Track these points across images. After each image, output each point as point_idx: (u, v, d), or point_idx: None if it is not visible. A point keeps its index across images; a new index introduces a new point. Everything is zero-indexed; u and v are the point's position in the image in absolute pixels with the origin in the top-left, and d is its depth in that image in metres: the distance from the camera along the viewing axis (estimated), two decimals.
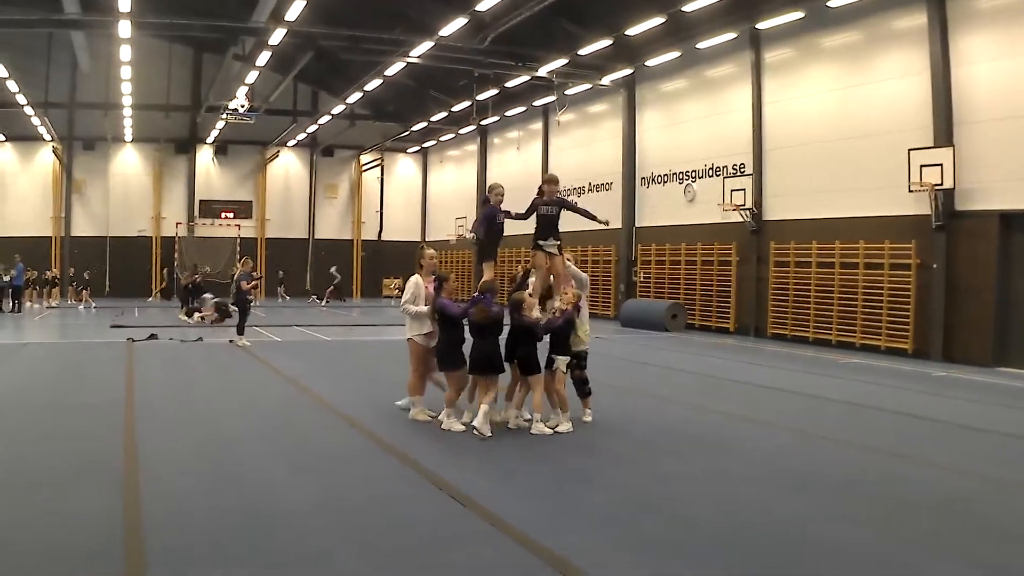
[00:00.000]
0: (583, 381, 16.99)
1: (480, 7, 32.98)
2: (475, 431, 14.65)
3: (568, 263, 17.33)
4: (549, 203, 16.73)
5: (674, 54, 39.47)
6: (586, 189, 50.35)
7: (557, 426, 15.33)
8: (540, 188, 16.95)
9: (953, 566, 9.02)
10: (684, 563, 9.06)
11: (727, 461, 13.77)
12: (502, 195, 16.99)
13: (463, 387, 15.66)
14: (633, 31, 36.19)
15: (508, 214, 17.04)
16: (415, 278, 15.95)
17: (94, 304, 52.00)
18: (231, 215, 66.62)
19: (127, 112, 55.64)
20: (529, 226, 17.22)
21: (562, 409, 15.70)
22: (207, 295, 41.43)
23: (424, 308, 15.62)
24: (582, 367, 16.97)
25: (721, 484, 12.35)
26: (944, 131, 28.39)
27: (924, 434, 16.55)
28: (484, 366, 15.08)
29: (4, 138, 60.58)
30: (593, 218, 18.34)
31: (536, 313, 15.76)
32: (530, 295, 16.19)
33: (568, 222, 18.05)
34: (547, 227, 16.56)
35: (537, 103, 51.52)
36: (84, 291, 53.88)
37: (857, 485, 12.30)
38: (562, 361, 15.83)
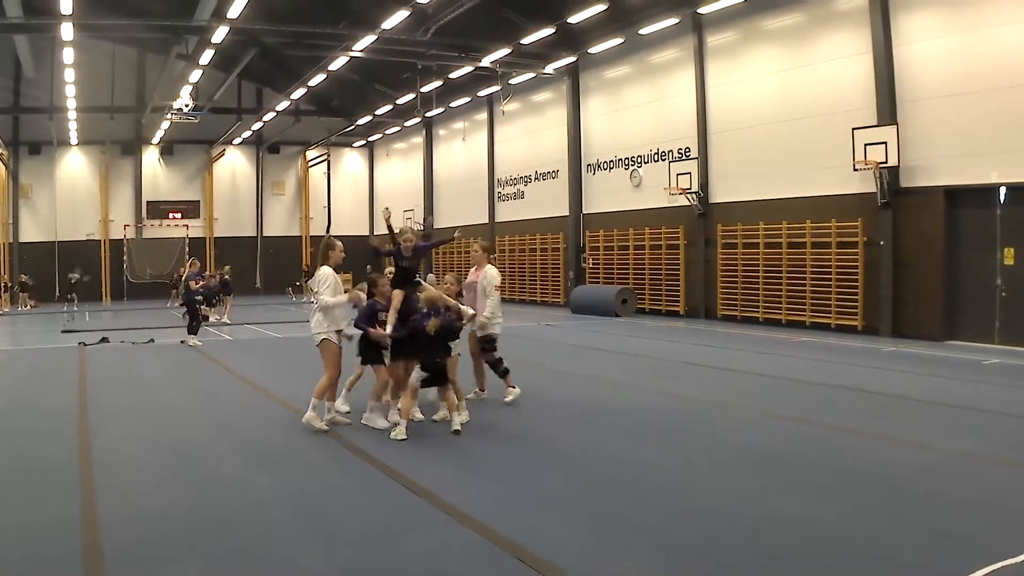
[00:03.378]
0: (497, 362, 17.41)
1: None
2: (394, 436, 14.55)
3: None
4: (410, 257, 16.55)
5: (617, 40, 39.57)
6: (532, 178, 50.52)
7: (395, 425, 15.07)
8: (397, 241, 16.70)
9: (913, 538, 9.14)
10: (640, 541, 9.17)
11: (681, 442, 13.89)
12: (411, 241, 16.66)
13: (388, 381, 15.58)
14: (576, 19, 36.21)
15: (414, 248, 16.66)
16: (328, 270, 15.29)
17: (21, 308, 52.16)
18: (179, 215, 66.18)
19: (72, 115, 55.14)
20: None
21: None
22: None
23: (344, 298, 15.25)
24: (489, 350, 17.48)
25: (676, 464, 12.45)
26: (888, 109, 28.58)
27: (877, 409, 16.66)
28: (439, 377, 14.94)
29: None
30: (448, 240, 19.02)
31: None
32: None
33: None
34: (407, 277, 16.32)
35: (481, 93, 51.56)
36: (25, 294, 53.86)
37: (812, 461, 12.43)
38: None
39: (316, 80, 46.67)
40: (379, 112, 57.63)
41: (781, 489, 11.04)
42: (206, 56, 40.38)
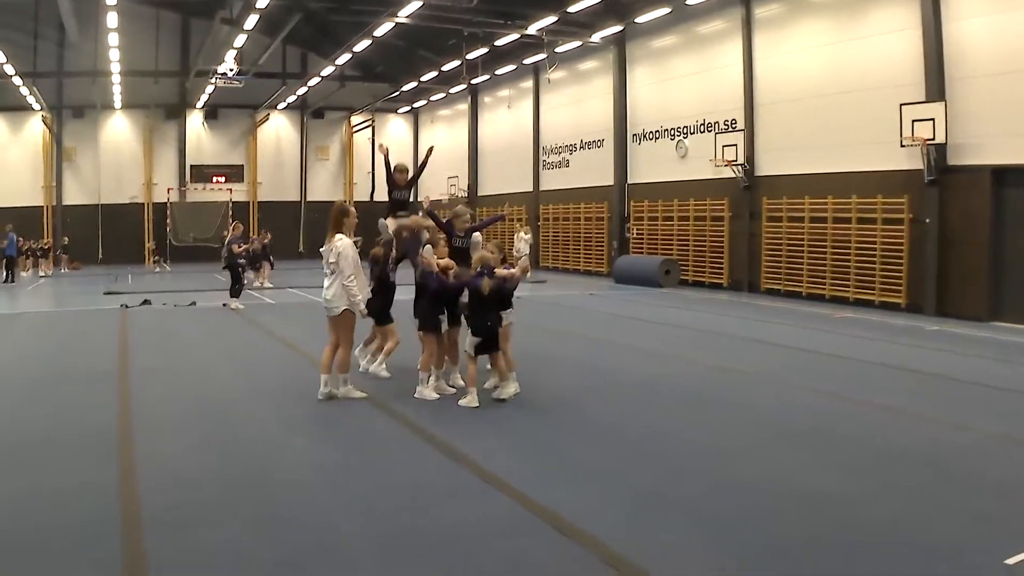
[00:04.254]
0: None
1: None
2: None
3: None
4: (462, 236, 16.36)
5: (664, 10, 39.30)
6: (577, 147, 50.39)
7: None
8: (451, 219, 16.49)
9: (950, 519, 9.07)
10: (676, 514, 9.17)
11: (720, 415, 13.88)
12: (467, 223, 16.45)
13: (437, 351, 15.47)
14: None
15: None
16: (348, 242, 14.82)
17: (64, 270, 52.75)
18: (222, 179, 66.29)
19: (116, 79, 55.35)
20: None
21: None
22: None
23: (365, 289, 15.11)
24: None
25: (712, 438, 12.44)
26: (936, 86, 28.30)
27: (918, 388, 16.56)
28: (492, 343, 14.73)
29: None
30: (500, 219, 18.73)
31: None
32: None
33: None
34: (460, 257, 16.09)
35: (527, 61, 51.21)
36: (64, 257, 54.17)
37: (850, 438, 12.38)
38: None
39: (361, 46, 46.47)
40: (424, 79, 57.53)
41: (819, 465, 11.01)
42: (251, 21, 40.37)
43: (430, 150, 18.52)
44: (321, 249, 14.82)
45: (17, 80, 52.08)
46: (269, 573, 7.69)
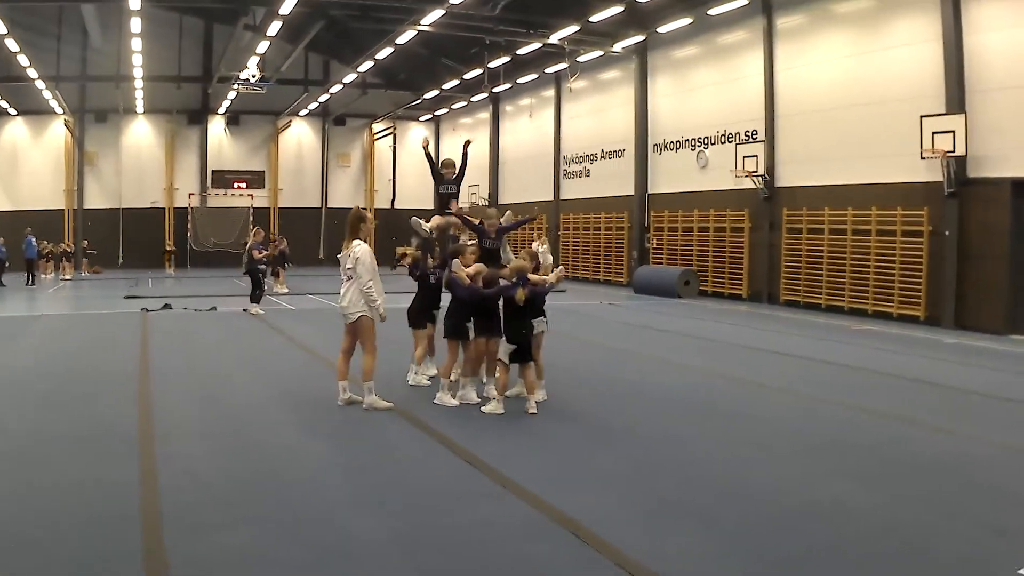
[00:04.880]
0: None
1: None
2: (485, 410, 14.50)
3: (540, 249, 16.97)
4: (493, 238, 16.35)
5: (686, 20, 39.32)
6: (598, 156, 50.47)
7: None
8: (482, 221, 16.49)
9: (960, 528, 9.11)
10: (690, 522, 9.22)
11: (737, 426, 13.90)
12: (495, 224, 16.44)
13: (478, 358, 15.46)
14: None
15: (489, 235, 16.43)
16: (367, 248, 14.72)
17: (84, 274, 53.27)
18: (244, 185, 66.57)
19: (138, 84, 55.50)
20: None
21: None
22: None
23: (383, 297, 14.66)
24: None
25: (730, 448, 12.49)
26: (956, 98, 28.30)
27: (935, 400, 16.58)
28: (526, 351, 14.63)
29: (16, 112, 60.45)
30: (531, 219, 18.54)
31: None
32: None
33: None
34: (490, 258, 16.06)
35: (549, 70, 51.31)
36: (84, 261, 54.42)
37: (866, 449, 12.42)
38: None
39: (383, 53, 46.58)
40: (446, 87, 57.62)
41: (835, 475, 11.04)
42: (274, 27, 40.49)
43: (467, 143, 18.55)
44: (339, 255, 14.79)
45: (40, 84, 52.28)
46: (289, 574, 7.76)
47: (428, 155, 17.20)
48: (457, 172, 17.39)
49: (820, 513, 9.53)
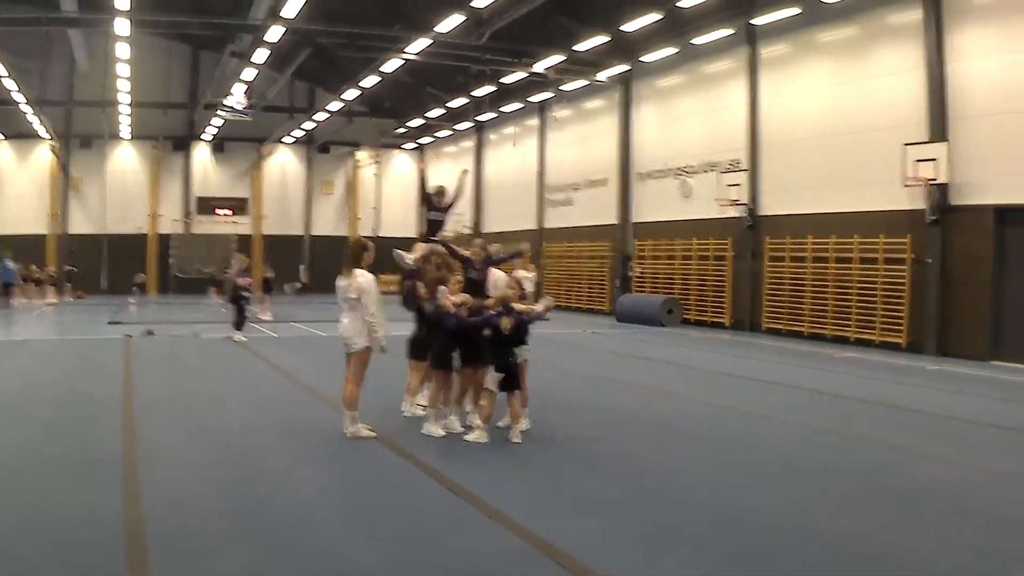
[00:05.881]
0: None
1: (477, 3, 32.91)
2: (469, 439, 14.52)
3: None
4: (479, 268, 16.39)
5: (671, 50, 39.54)
6: (582, 185, 50.58)
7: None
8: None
9: (954, 555, 9.15)
10: (679, 549, 9.23)
11: (724, 453, 13.93)
12: (480, 253, 16.48)
13: (464, 388, 15.46)
14: (630, 27, 36.21)
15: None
16: (370, 278, 14.53)
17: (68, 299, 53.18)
18: (228, 212, 66.58)
19: (124, 110, 55.56)
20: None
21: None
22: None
23: (388, 326, 14.73)
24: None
25: (718, 475, 12.51)
26: (939, 126, 28.48)
27: (921, 427, 16.66)
28: (513, 379, 14.65)
29: (2, 136, 60.50)
30: (518, 255, 18.44)
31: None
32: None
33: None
34: (475, 289, 16.07)
35: (533, 99, 51.57)
36: (68, 286, 54.42)
37: (853, 475, 12.46)
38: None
39: (369, 82, 46.81)
40: (431, 115, 57.80)
41: (824, 502, 11.07)
42: (260, 55, 40.58)
43: (464, 173, 18.60)
44: (338, 283, 14.69)
45: (26, 108, 52.28)
46: None
47: (423, 179, 17.24)
48: (450, 201, 17.43)
49: (811, 539, 9.57)
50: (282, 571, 8.38)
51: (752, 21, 35.47)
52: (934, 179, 27.95)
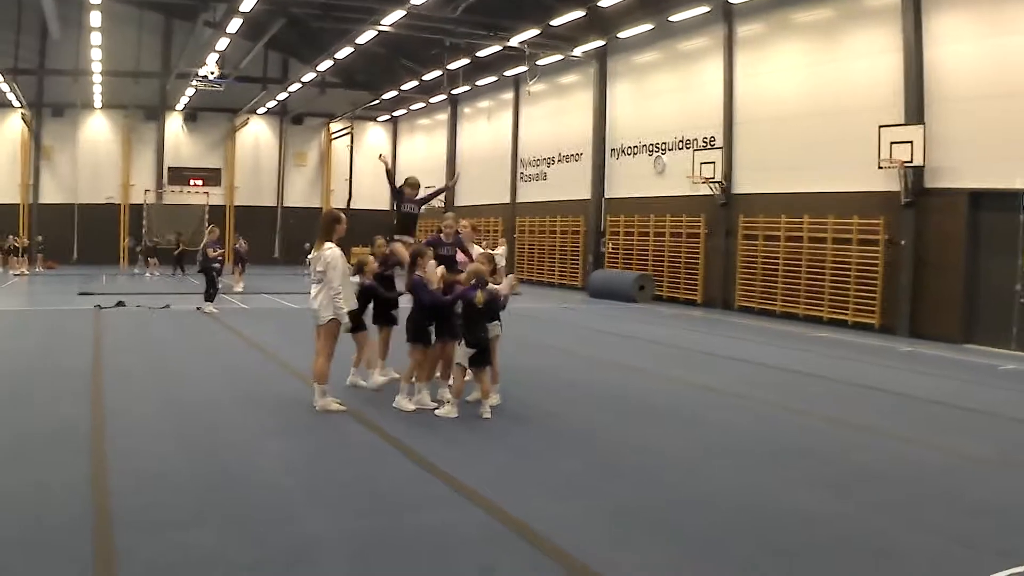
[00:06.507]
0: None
1: None
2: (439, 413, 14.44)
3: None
4: (449, 244, 16.36)
5: (647, 27, 39.35)
6: (556, 160, 50.48)
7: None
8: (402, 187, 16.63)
9: (921, 536, 9.15)
10: (647, 528, 9.20)
11: (695, 432, 13.95)
12: (452, 228, 16.52)
13: (432, 364, 15.41)
14: (606, 3, 36.14)
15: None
16: (338, 252, 14.44)
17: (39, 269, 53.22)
18: (200, 182, 66.09)
19: (97, 79, 55.33)
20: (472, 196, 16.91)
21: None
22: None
23: (344, 311, 14.43)
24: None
25: (686, 452, 12.52)
26: (915, 109, 28.44)
27: (890, 408, 16.67)
28: (485, 355, 14.63)
29: None
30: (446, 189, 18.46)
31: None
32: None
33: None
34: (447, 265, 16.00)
35: (508, 73, 51.34)
36: (39, 256, 54.06)
37: (824, 456, 12.49)
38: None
39: (343, 53, 46.50)
40: (405, 87, 57.56)
41: (794, 482, 11.07)
42: (234, 24, 40.32)
43: (456, 176, 18.49)
44: (309, 256, 14.63)
45: None
46: (243, 574, 7.69)
47: (388, 171, 17.04)
48: (422, 196, 17.25)
49: (780, 520, 9.53)
50: (248, 546, 8.32)
51: (729, 0, 35.37)
52: (909, 162, 27.90)
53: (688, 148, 39.15)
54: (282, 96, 62.23)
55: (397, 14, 38.46)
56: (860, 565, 8.37)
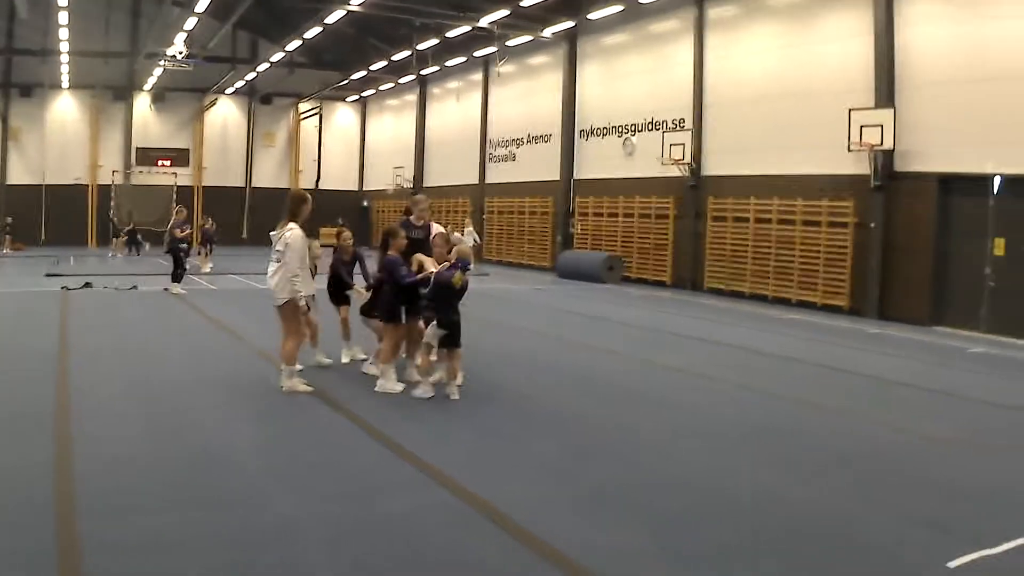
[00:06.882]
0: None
1: None
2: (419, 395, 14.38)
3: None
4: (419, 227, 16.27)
5: (617, 8, 39.26)
6: (525, 141, 50.48)
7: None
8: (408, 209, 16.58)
9: (891, 519, 9.15)
10: (619, 510, 9.20)
11: (666, 413, 13.96)
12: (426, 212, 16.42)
13: (399, 343, 15.38)
14: None
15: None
16: (299, 233, 14.36)
17: (6, 251, 52.78)
18: (168, 163, 65.83)
19: (64, 59, 54.93)
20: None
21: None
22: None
23: (301, 293, 14.37)
24: None
25: (656, 434, 12.54)
26: (885, 93, 28.49)
27: (860, 390, 16.69)
28: (456, 336, 14.52)
29: None
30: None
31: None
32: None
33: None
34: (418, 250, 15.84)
35: (478, 54, 51.21)
36: (8, 238, 53.71)
37: (794, 438, 12.50)
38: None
39: (312, 32, 46.31)
40: (374, 68, 57.40)
41: (762, 464, 11.08)
42: (202, 3, 40.09)
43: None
44: (271, 233, 14.51)
45: None
46: (210, 558, 7.63)
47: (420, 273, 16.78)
48: (425, 222, 16.81)
49: (749, 502, 9.56)
50: (214, 531, 8.26)
51: None
52: (879, 145, 27.94)
53: (658, 130, 39.16)
54: (251, 76, 61.99)
55: None
56: (824, 547, 8.41)
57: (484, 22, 42.38)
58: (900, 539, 8.63)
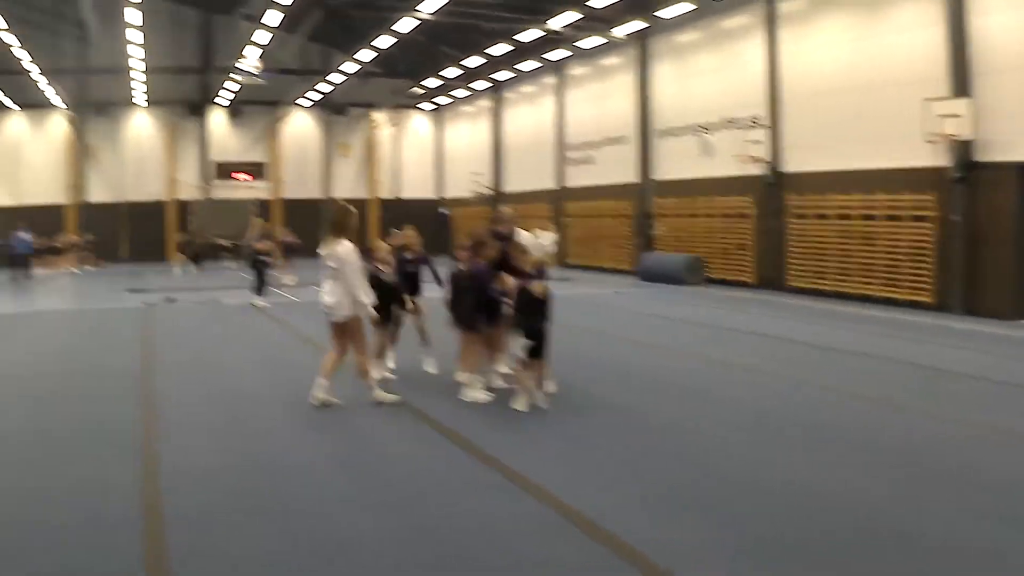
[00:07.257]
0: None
1: None
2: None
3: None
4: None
5: (688, 6, 39.08)
6: (600, 143, 50.28)
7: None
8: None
9: (980, 522, 8.96)
10: (703, 513, 9.18)
11: (743, 413, 13.95)
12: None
13: (481, 351, 15.32)
14: None
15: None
16: (351, 247, 14.26)
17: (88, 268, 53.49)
18: (246, 176, 66.47)
19: (138, 76, 55.57)
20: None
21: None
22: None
23: (368, 300, 14.28)
24: None
25: (742, 436, 12.49)
26: (961, 81, 28.09)
27: (948, 389, 16.48)
28: (543, 346, 14.26)
29: (18, 107, 60.41)
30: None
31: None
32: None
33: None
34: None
35: (550, 57, 51.27)
36: (89, 255, 54.31)
37: (874, 439, 12.35)
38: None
39: (383, 42, 46.61)
40: (446, 75, 57.63)
41: (847, 465, 10.98)
42: (273, 17, 40.36)
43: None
44: (320, 251, 14.49)
45: (39, 77, 52.19)
46: (294, 572, 7.74)
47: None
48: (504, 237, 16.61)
49: (830, 503, 9.47)
50: (298, 542, 8.34)
51: None
52: (957, 135, 27.59)
53: (734, 128, 38.91)
54: (324, 87, 62.41)
55: (437, 1, 38.37)
56: (912, 549, 8.29)
57: (555, 25, 42.37)
58: (993, 541, 8.46)
